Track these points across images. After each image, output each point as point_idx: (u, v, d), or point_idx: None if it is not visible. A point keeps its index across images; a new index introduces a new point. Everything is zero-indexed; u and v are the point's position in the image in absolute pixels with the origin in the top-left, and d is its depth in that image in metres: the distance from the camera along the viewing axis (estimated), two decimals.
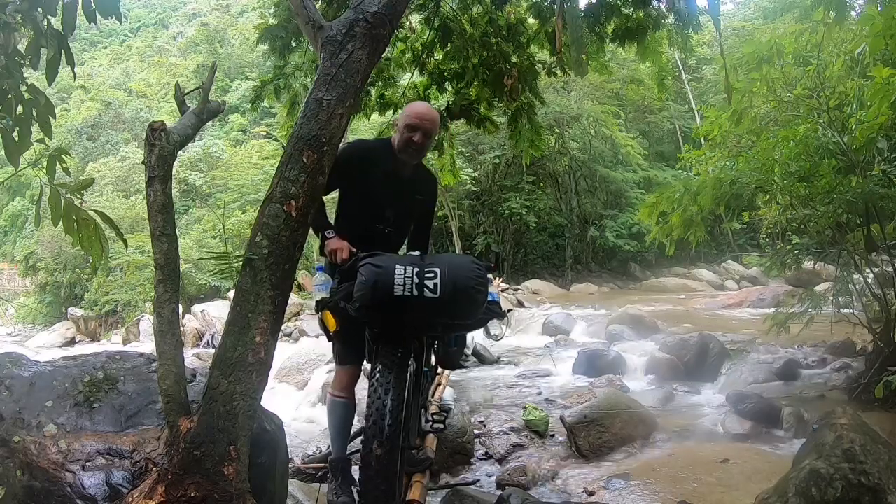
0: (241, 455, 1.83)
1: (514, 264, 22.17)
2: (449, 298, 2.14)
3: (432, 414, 3.50)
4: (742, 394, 4.70)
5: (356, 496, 2.42)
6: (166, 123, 2.05)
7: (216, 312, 13.19)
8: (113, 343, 15.93)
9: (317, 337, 9.97)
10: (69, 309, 20.46)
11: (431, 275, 2.15)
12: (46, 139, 2.60)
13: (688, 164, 7.47)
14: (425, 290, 2.13)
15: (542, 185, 22.75)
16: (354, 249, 2.38)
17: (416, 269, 2.15)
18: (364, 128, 12.33)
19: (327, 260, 2.51)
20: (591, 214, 22.94)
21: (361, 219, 2.58)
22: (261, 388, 1.93)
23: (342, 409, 2.63)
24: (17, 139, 2.56)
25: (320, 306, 2.37)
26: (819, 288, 7.14)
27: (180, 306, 2.25)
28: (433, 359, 2.90)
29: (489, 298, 2.34)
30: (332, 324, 2.33)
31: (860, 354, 5.59)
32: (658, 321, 9.21)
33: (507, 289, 16.15)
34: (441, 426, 3.41)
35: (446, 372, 5.02)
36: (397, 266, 2.16)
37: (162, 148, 1.97)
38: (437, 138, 3.57)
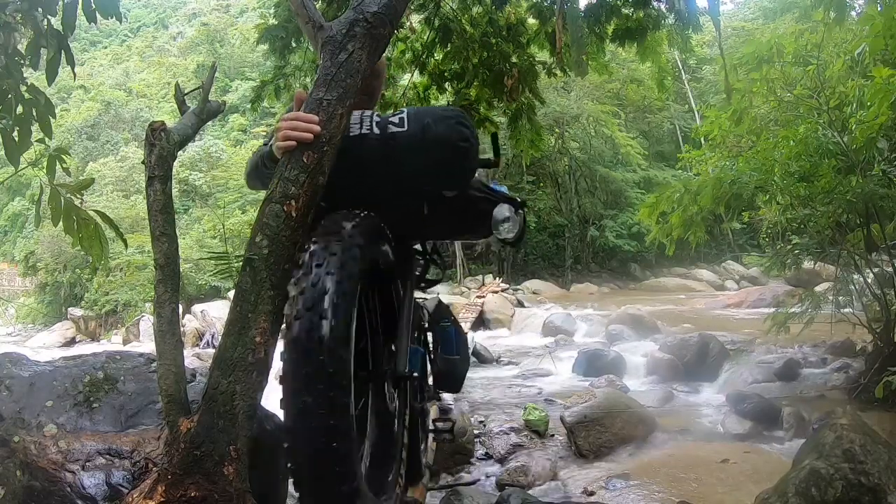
0: (241, 455, 1.82)
1: (514, 264, 22.16)
2: (421, 133, 1.69)
3: (434, 420, 2.89)
4: (742, 394, 4.71)
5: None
6: (166, 123, 2.04)
7: (216, 312, 13.21)
8: (113, 343, 15.94)
9: None
10: (69, 309, 20.47)
11: (397, 113, 1.77)
12: (46, 139, 2.61)
13: (688, 164, 7.48)
14: (390, 126, 1.73)
15: (542, 185, 22.76)
16: None
17: (376, 114, 1.80)
18: None
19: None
20: (591, 214, 22.95)
21: None
22: (261, 388, 1.93)
23: None
24: (17, 139, 2.57)
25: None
26: (819, 288, 7.14)
27: (180, 306, 2.25)
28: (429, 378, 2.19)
29: (497, 190, 1.89)
30: None
31: (860, 354, 5.59)
32: (658, 321, 9.21)
33: (507, 289, 16.15)
34: (448, 435, 2.64)
35: None
36: (353, 113, 1.80)
37: (162, 148, 1.96)
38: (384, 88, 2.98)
